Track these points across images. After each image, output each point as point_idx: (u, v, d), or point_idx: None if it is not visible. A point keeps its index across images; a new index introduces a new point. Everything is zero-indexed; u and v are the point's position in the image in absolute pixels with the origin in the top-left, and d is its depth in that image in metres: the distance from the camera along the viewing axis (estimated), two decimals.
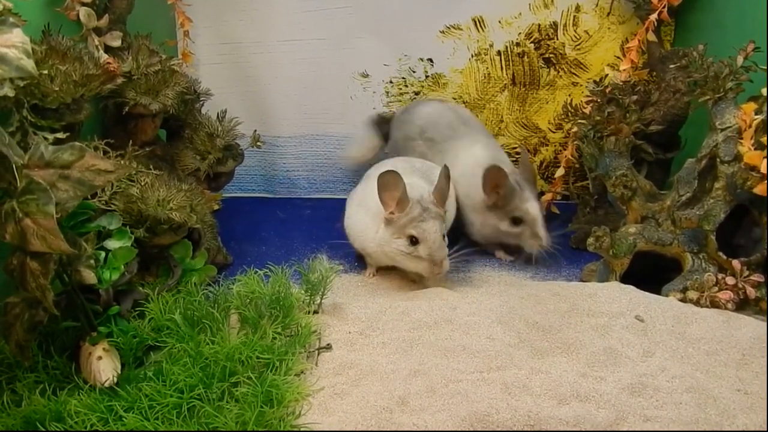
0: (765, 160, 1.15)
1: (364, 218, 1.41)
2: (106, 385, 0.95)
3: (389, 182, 1.29)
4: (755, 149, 1.18)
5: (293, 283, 1.25)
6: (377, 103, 1.88)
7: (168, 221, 1.18)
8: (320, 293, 1.23)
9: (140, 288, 1.15)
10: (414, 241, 1.30)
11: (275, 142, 1.93)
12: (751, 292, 1.22)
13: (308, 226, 1.75)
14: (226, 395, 0.93)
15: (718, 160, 1.27)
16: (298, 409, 0.95)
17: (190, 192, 1.27)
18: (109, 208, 1.14)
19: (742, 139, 1.22)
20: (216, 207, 1.79)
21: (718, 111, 1.29)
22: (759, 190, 1.16)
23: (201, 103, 1.52)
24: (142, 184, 1.19)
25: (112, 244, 1.10)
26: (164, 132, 1.52)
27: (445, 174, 1.34)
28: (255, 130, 1.62)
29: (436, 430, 0.91)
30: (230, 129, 1.48)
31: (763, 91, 1.22)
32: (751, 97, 1.25)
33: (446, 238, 1.35)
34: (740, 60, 1.28)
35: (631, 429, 0.92)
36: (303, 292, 1.22)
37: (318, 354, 1.10)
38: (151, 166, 1.27)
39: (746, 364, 1.08)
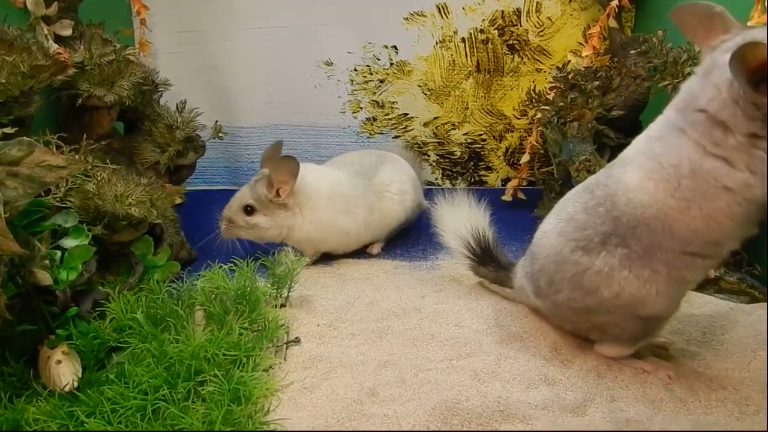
0: None
1: None
2: (66, 389, 0.92)
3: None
4: None
5: (259, 277, 1.23)
6: (342, 91, 1.87)
7: (127, 217, 1.15)
8: (287, 286, 1.21)
9: (100, 287, 1.11)
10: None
11: (239, 133, 1.90)
12: (711, 273, 1.25)
13: None
14: (192, 395, 0.91)
15: None
16: (267, 405, 0.93)
17: (150, 186, 1.23)
18: (64, 205, 1.10)
19: None
20: (179, 201, 1.75)
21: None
22: None
23: (159, 93, 1.48)
24: (99, 179, 1.15)
25: (69, 242, 1.06)
26: (121, 124, 1.48)
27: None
28: (216, 121, 1.59)
29: (407, 420, 0.90)
30: (190, 120, 1.45)
31: None
32: None
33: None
34: (697, 46, 1.29)
35: (597, 410, 0.93)
36: (269, 285, 1.21)
37: (286, 348, 1.08)
38: (108, 161, 1.23)
39: (707, 342, 1.11)
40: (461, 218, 1.27)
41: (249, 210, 1.41)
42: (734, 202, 0.90)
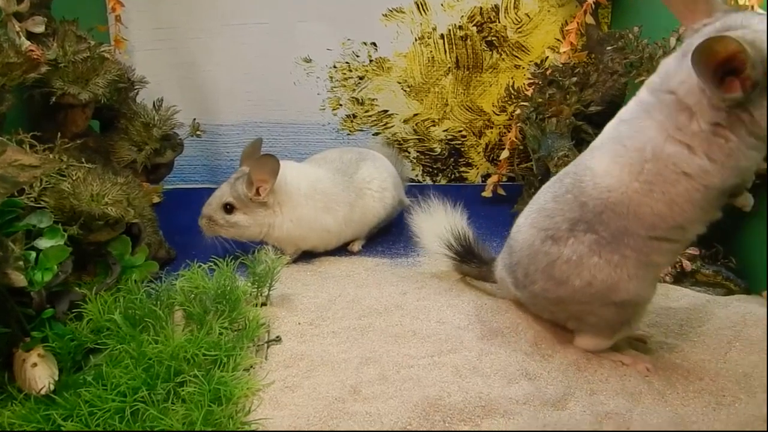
0: None
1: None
2: (43, 392, 0.91)
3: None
4: None
5: (239, 276, 1.22)
6: (321, 88, 1.86)
7: (103, 217, 1.13)
8: (267, 285, 1.20)
9: (77, 288, 1.10)
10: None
11: (217, 131, 1.88)
12: (687, 265, 1.26)
13: None
14: (171, 396, 0.90)
15: None
16: (248, 405, 0.93)
17: (127, 185, 1.22)
18: (38, 206, 1.09)
19: None
20: (156, 200, 1.74)
21: None
22: None
23: (136, 91, 1.46)
24: (74, 178, 1.13)
25: (44, 243, 1.04)
26: (97, 123, 1.46)
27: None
28: (194, 119, 1.57)
29: (389, 417, 0.90)
30: (168, 118, 1.43)
31: None
32: None
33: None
34: (673, 41, 1.31)
35: (578, 403, 0.94)
36: (250, 284, 1.20)
37: (267, 347, 1.08)
38: (83, 159, 1.21)
39: (684, 334, 1.12)
40: (438, 220, 1.28)
41: (228, 208, 1.40)
42: (693, 188, 0.90)
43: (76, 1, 1.49)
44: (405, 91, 1.85)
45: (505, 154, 1.74)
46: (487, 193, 1.78)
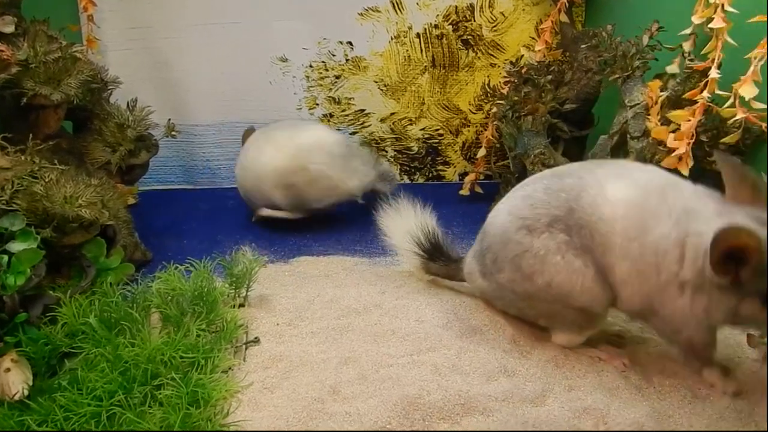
0: (671, 134, 1.20)
1: None
2: (16, 398, 0.89)
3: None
4: (662, 125, 1.24)
5: (217, 277, 1.21)
6: (297, 88, 1.85)
7: (77, 219, 1.12)
8: (245, 286, 1.20)
9: (51, 292, 1.08)
10: None
11: (193, 131, 1.87)
12: None
13: (232, 216, 1.70)
14: (148, 399, 0.89)
15: (628, 135, 1.32)
16: (226, 407, 0.92)
17: (101, 187, 1.20)
18: (10, 208, 1.07)
19: (649, 115, 1.27)
20: (132, 201, 1.71)
21: (626, 89, 1.34)
22: (667, 163, 1.21)
23: (109, 91, 1.44)
24: (47, 180, 1.11)
25: (16, 246, 1.02)
26: (70, 124, 1.44)
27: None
28: (169, 119, 1.55)
29: (369, 417, 0.90)
30: (142, 118, 1.42)
31: (668, 68, 1.27)
32: (656, 75, 1.30)
33: None
34: (645, 39, 1.33)
35: (556, 400, 0.95)
36: (227, 285, 1.19)
37: (246, 348, 1.07)
38: (56, 161, 1.19)
39: None
40: (407, 219, 1.26)
41: None
42: (666, 308, 0.95)
43: (47, 0, 1.47)
44: (382, 90, 1.85)
45: (482, 152, 1.75)
46: (464, 192, 1.78)
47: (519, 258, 1.03)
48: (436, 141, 1.90)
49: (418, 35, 1.81)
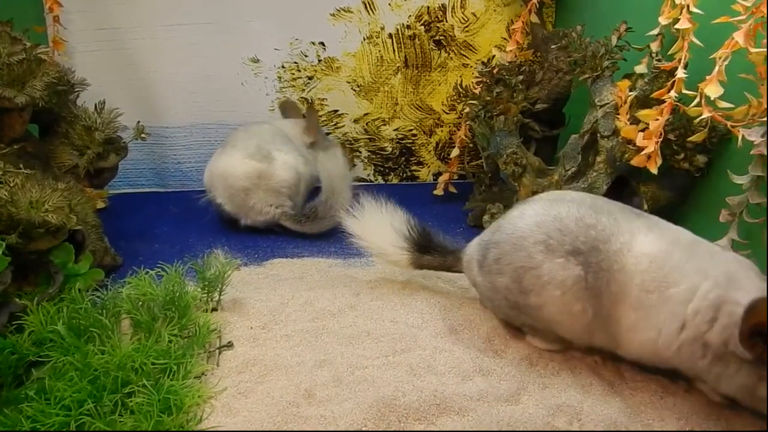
0: (640, 133, 1.22)
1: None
2: None
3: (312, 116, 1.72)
4: (630, 124, 1.25)
5: (189, 281, 1.19)
6: (270, 89, 1.84)
7: (44, 224, 1.09)
8: (218, 289, 1.18)
9: (17, 299, 1.06)
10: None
11: (164, 133, 1.84)
12: None
13: (204, 219, 1.68)
14: (119, 407, 0.87)
15: (598, 135, 1.34)
16: (199, 413, 0.91)
17: (68, 191, 1.18)
18: None
19: (619, 114, 1.28)
20: (101, 205, 1.69)
21: (596, 89, 1.35)
22: (636, 161, 1.22)
23: (76, 94, 1.42)
24: (12, 185, 1.09)
25: None
26: (36, 127, 1.40)
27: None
28: (138, 121, 1.53)
29: (344, 420, 0.90)
30: (110, 121, 1.39)
31: (636, 68, 1.29)
32: (625, 75, 1.32)
33: None
34: (614, 40, 1.35)
35: (531, 398, 0.96)
36: (199, 289, 1.17)
37: (219, 353, 1.06)
38: (21, 165, 1.17)
39: None
40: (381, 217, 1.23)
41: None
42: (684, 367, 0.94)
43: (10, 1, 1.44)
44: (355, 90, 1.85)
45: (455, 152, 1.76)
46: (438, 192, 1.79)
47: (523, 271, 1.01)
48: (410, 141, 1.90)
49: (390, 36, 1.81)
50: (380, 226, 1.23)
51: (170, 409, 0.88)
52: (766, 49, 1.03)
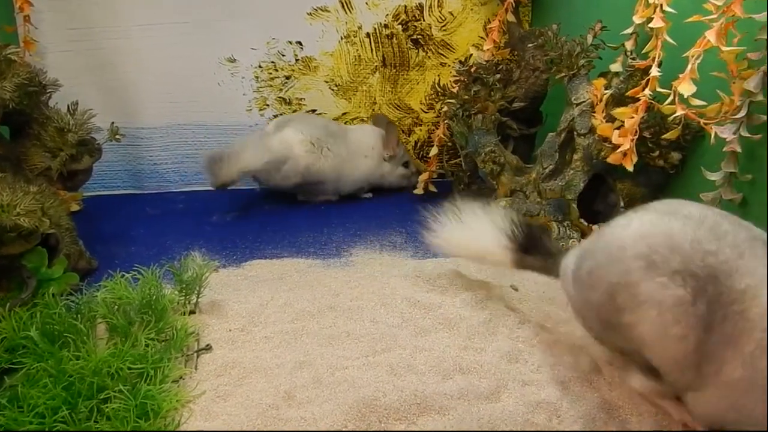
0: (615, 131, 1.23)
1: None
2: None
3: (392, 130, 1.79)
4: (606, 122, 1.26)
5: (166, 284, 1.18)
6: (247, 88, 1.83)
7: (15, 228, 1.07)
8: (196, 292, 1.17)
9: None
10: (407, 165, 1.84)
11: (139, 134, 1.82)
12: None
13: (182, 221, 1.67)
14: (95, 414, 0.86)
15: (575, 133, 1.35)
16: (177, 417, 0.90)
17: (41, 194, 1.16)
18: None
19: (595, 112, 1.30)
20: (75, 208, 1.66)
21: (572, 87, 1.36)
22: (612, 159, 1.24)
23: (48, 95, 1.40)
24: None
25: None
26: (6, 129, 1.38)
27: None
28: (113, 122, 1.51)
29: (324, 421, 0.90)
30: (84, 122, 1.38)
31: (612, 67, 1.30)
32: (601, 73, 1.33)
33: None
34: (590, 38, 1.36)
35: (511, 395, 0.96)
36: (177, 292, 1.16)
37: (197, 356, 1.05)
38: None
39: None
40: (480, 220, 1.15)
41: None
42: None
43: None
44: (333, 90, 1.84)
45: (434, 151, 1.76)
46: (419, 191, 1.79)
47: (617, 287, 0.88)
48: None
49: (368, 35, 1.81)
50: (480, 227, 1.14)
51: (147, 414, 0.87)
52: (737, 48, 1.04)
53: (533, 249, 1.10)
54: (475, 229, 1.15)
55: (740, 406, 0.81)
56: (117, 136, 1.49)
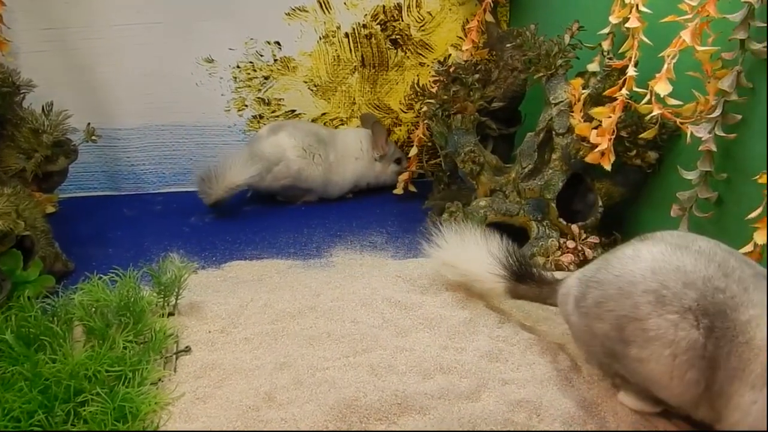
0: (593, 131, 1.24)
1: None
2: None
3: (379, 130, 1.78)
4: (584, 121, 1.27)
5: (144, 286, 1.17)
6: (225, 89, 1.81)
7: None
8: (174, 293, 1.16)
9: None
10: (399, 161, 1.84)
11: (116, 135, 1.80)
12: (589, 253, 1.32)
13: (160, 222, 1.65)
14: (72, 417, 0.85)
15: (553, 132, 1.36)
16: (156, 420, 0.89)
17: (15, 196, 1.14)
18: None
19: (573, 112, 1.31)
20: (51, 210, 1.64)
21: (550, 87, 1.37)
22: (590, 158, 1.25)
23: (22, 95, 1.38)
24: None
25: None
26: None
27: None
28: (89, 123, 1.49)
29: (305, 422, 0.89)
30: (59, 123, 1.36)
31: (589, 67, 1.32)
32: (578, 73, 1.34)
33: None
34: (567, 38, 1.37)
35: (491, 394, 0.96)
36: (155, 294, 1.15)
37: (176, 358, 1.04)
38: None
39: None
40: (476, 245, 1.15)
41: None
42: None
43: None
44: (312, 90, 1.84)
45: (413, 151, 1.76)
46: (398, 191, 1.79)
47: (626, 321, 0.88)
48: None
49: (346, 35, 1.81)
50: (475, 253, 1.15)
51: (126, 417, 0.86)
52: (711, 48, 1.06)
53: (527, 278, 1.11)
54: (471, 254, 1.15)
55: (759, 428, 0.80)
56: (93, 137, 1.48)
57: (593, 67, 1.31)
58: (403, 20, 1.81)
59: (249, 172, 1.67)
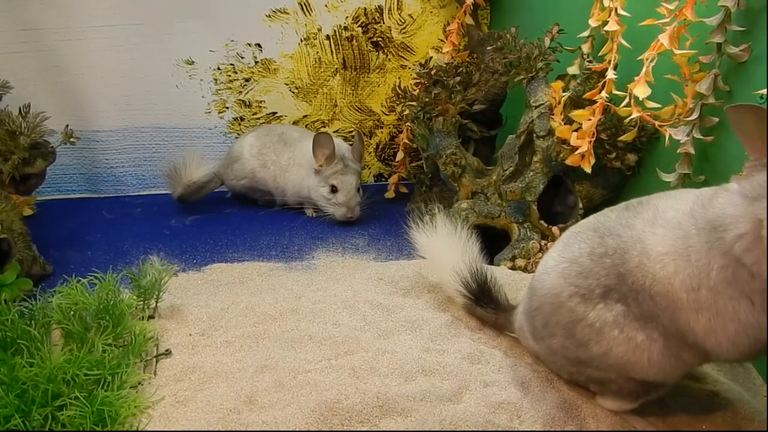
0: (574, 133, 1.25)
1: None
2: None
3: (322, 141, 1.58)
4: (565, 124, 1.29)
5: (124, 289, 1.15)
6: (206, 91, 1.80)
7: None
8: (155, 296, 1.15)
9: None
10: (334, 189, 1.60)
11: (95, 137, 1.78)
12: None
13: (139, 225, 1.64)
14: (49, 422, 0.84)
15: (534, 135, 1.37)
16: (135, 424, 0.88)
17: None
18: None
19: (553, 114, 1.32)
20: (29, 212, 1.62)
21: (531, 89, 1.38)
22: (570, 161, 1.26)
23: None
24: None
25: None
26: None
27: (359, 137, 1.69)
28: (67, 125, 1.48)
29: (287, 425, 0.89)
30: (36, 125, 1.34)
31: (569, 70, 1.33)
32: (558, 76, 1.35)
33: (360, 190, 1.65)
34: (547, 41, 1.38)
35: (473, 396, 0.97)
36: (135, 297, 1.14)
37: (156, 362, 1.03)
38: None
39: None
40: (454, 252, 1.14)
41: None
42: (743, 333, 0.81)
43: None
44: (293, 92, 1.83)
45: (400, 155, 1.76)
46: (389, 194, 1.80)
47: (572, 325, 0.92)
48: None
49: (328, 37, 1.81)
50: (448, 258, 1.15)
51: (104, 421, 0.85)
52: (689, 51, 1.07)
53: (485, 302, 1.13)
54: (443, 258, 1.15)
55: (738, 332, 0.82)
56: (71, 139, 1.46)
57: (573, 70, 1.32)
58: (384, 23, 1.81)
59: (204, 170, 1.70)
